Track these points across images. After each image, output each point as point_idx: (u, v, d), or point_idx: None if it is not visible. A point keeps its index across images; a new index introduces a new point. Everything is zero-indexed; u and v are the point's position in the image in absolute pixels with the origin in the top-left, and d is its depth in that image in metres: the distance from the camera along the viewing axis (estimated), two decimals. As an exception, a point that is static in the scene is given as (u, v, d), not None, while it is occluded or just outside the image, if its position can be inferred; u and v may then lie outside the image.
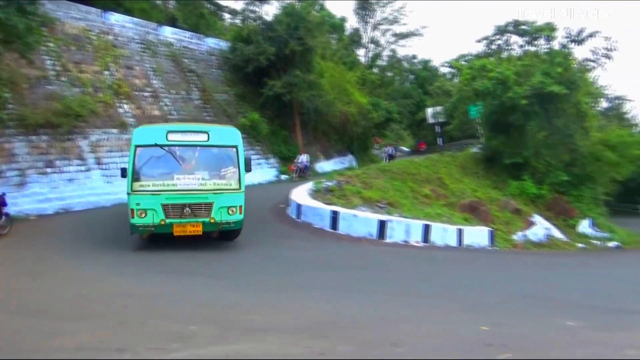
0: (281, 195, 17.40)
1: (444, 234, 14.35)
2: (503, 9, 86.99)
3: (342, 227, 13.37)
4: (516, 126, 23.01)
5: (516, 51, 29.10)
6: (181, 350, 4.37)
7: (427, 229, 13.96)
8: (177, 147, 9.70)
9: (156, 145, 9.56)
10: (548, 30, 25.67)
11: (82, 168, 16.41)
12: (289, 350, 4.52)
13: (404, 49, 55.54)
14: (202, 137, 9.93)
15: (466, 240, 14.59)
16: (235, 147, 10.07)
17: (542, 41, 26.59)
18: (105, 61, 19.51)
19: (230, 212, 9.83)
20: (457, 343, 5.15)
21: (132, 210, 9.36)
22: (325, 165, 28.57)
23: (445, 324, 6.04)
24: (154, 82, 21.52)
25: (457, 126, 33.92)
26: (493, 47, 30.72)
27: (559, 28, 25.34)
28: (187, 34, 25.61)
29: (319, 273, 8.97)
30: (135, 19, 22.59)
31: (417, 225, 14.05)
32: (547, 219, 20.45)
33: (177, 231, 9.56)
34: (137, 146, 9.55)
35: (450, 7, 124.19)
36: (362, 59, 46.96)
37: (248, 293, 7.17)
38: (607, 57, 23.56)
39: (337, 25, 41.27)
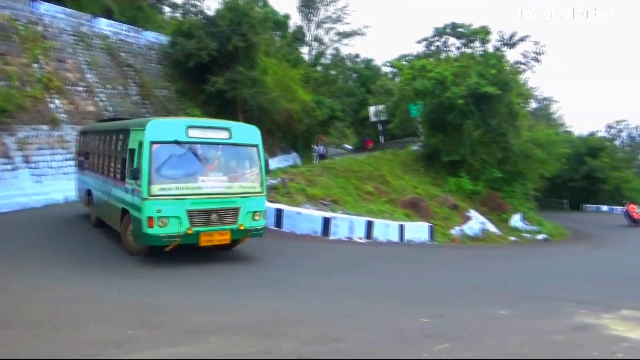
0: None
1: (386, 229, 14.71)
2: (445, 10, 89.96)
3: (287, 225, 13.37)
4: (454, 125, 23.90)
5: (454, 53, 30.26)
6: (118, 356, 4.20)
7: (370, 226, 14.25)
8: (198, 145, 8.64)
9: (176, 142, 8.44)
10: (483, 33, 26.87)
11: (9, 167, 15.32)
12: (233, 350, 4.46)
13: (347, 48, 56.08)
14: (223, 135, 8.99)
15: (407, 236, 15.04)
16: (257, 146, 9.34)
17: (477, 44, 27.81)
18: (34, 53, 18.29)
19: (255, 217, 9.10)
20: (399, 336, 5.29)
21: (151, 218, 8.10)
22: (269, 163, 28.37)
23: (388, 318, 6.20)
24: (89, 76, 20.47)
25: (398, 124, 34.75)
26: (432, 48, 31.76)
27: (492, 31, 26.60)
28: (124, 26, 24.54)
29: (261, 272, 8.91)
30: (68, 10, 21.32)
31: (360, 221, 14.30)
32: (482, 214, 21.43)
33: (204, 241, 8.56)
34: (152, 143, 8.28)
35: (392, 7, 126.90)
36: (306, 57, 47.04)
37: (189, 294, 7.01)
38: (537, 60, 25.03)
39: (280, 23, 41.05)
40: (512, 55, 26.67)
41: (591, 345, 5.04)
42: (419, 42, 32.36)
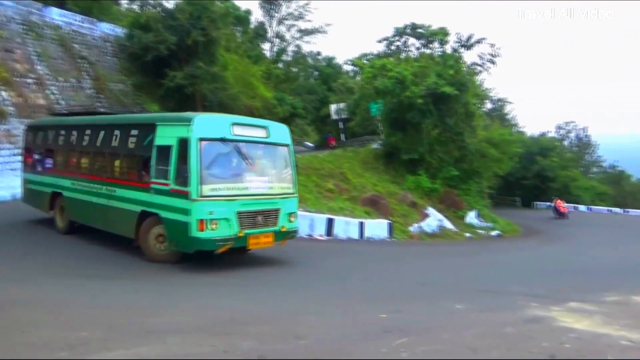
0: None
1: (346, 227, 14.84)
2: (405, 9, 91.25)
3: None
4: (413, 124, 24.36)
5: (413, 53, 30.83)
6: (70, 358, 4.04)
7: (330, 223, 14.34)
8: (242, 143, 8.36)
9: (223, 139, 8.07)
10: (441, 34, 27.51)
11: (-50, 161, 14.52)
12: (190, 350, 4.38)
13: (308, 45, 56.17)
14: (262, 133, 8.80)
15: (367, 233, 15.22)
16: (289, 145, 9.23)
17: (436, 44, 28.45)
18: (-22, 42, 17.37)
19: (291, 219, 8.98)
20: (358, 332, 5.35)
21: (202, 221, 7.67)
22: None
23: (348, 314, 6.25)
24: (39, 67, 19.60)
25: (359, 123, 35.09)
26: (393, 47, 32.24)
27: (451, 33, 27.26)
28: (78, 17, 23.63)
29: (220, 271, 8.80)
30: (16, -3, 20.37)
31: (321, 219, 14.36)
32: (440, 211, 21.95)
33: (252, 244, 8.39)
34: (200, 139, 7.81)
35: (355, 6, 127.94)
36: (267, 53, 46.72)
37: (145, 294, 6.83)
38: (492, 62, 25.86)
39: (242, 18, 40.55)
40: (469, 57, 27.39)
41: (541, 337, 5.25)
42: (380, 41, 32.81)
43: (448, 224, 21.06)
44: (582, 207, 42.82)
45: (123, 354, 4.22)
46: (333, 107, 30.46)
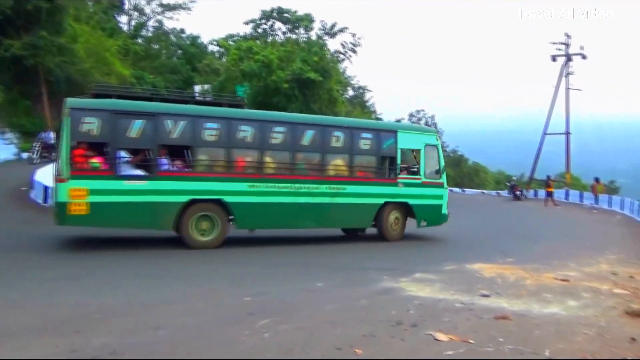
0: (23, 177, 14.91)
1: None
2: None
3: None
4: (279, 108, 24.63)
5: (280, 37, 31.03)
6: None
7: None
8: None
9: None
10: (307, 21, 28.10)
11: None
12: (33, 353, 3.95)
13: (171, 22, 53.20)
14: None
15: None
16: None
17: (302, 30, 28.98)
18: None
19: None
20: (221, 317, 5.33)
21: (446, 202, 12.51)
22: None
23: (211, 300, 6.17)
24: None
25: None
26: (259, 30, 32.07)
27: (316, 20, 27.97)
28: None
29: (64, 263, 8.06)
30: None
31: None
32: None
33: None
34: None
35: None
36: (125, 27, 43.20)
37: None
38: (353, 51, 27.18)
39: (92, -15, 36.83)
40: (332, 45, 28.45)
41: (391, 306, 5.78)
42: (246, 23, 32.41)
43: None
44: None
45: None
46: (197, 88, 29.33)
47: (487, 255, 10.21)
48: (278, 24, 31.06)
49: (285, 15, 30.22)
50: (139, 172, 9.29)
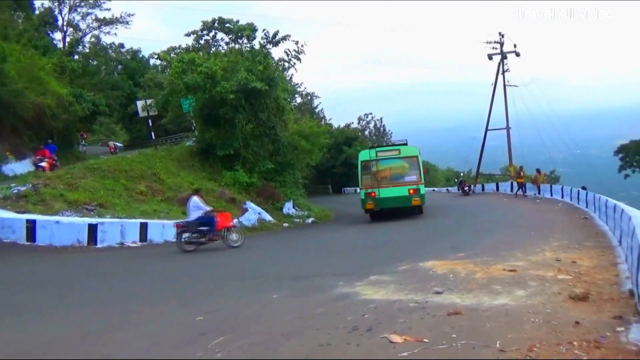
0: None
1: (162, 230, 14.16)
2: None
3: (42, 238, 11.65)
4: (226, 119, 24.27)
5: (223, 47, 30.63)
6: None
7: (143, 228, 13.49)
8: None
9: None
10: (249, 30, 27.83)
11: None
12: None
13: (109, 37, 51.48)
14: None
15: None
16: None
17: (244, 40, 28.70)
18: None
19: None
20: (173, 339, 5.14)
21: None
22: (17, 167, 24.12)
23: (162, 322, 5.96)
24: None
25: (171, 119, 33.56)
26: (201, 42, 31.55)
27: (258, 29, 27.74)
28: None
29: (6, 296, 7.56)
30: None
31: (132, 224, 13.43)
32: (258, 204, 22.45)
33: None
34: None
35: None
36: (60, 45, 41.41)
37: None
38: (298, 58, 27.14)
39: (22, 2, 35.09)
40: (277, 53, 28.30)
41: (347, 312, 5.76)
42: (188, 35, 31.81)
43: (267, 216, 21.68)
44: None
45: None
46: (139, 104, 28.41)
47: (439, 251, 10.41)
48: (220, 35, 30.67)
49: (227, 25, 29.85)
50: None
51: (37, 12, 39.36)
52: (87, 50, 45.08)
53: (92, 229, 12.32)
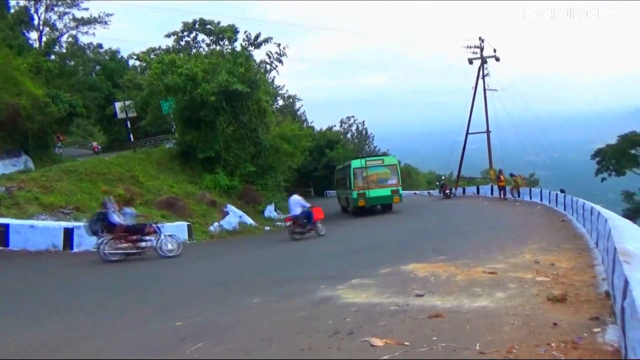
0: None
1: (140, 233, 13.85)
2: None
3: (15, 242, 11.37)
4: (207, 122, 24.06)
5: (204, 49, 30.35)
6: None
7: (122, 231, 13.19)
8: None
9: None
10: (230, 32, 27.63)
11: None
12: None
13: (87, 37, 50.63)
14: None
15: (164, 237, 14.49)
16: None
17: (226, 42, 28.49)
18: None
19: None
20: (152, 346, 5.04)
21: None
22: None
23: (141, 328, 5.84)
24: None
25: (151, 121, 33.09)
26: (182, 43, 31.21)
27: (240, 31, 27.58)
28: None
29: None
30: None
31: (110, 228, 13.11)
32: (240, 207, 22.27)
33: None
34: None
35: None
36: (35, 44, 40.53)
37: None
38: (279, 61, 27.06)
39: (-5, 0, 34.31)
40: (258, 55, 28.22)
41: (328, 316, 5.72)
42: (168, 36, 31.42)
43: (248, 220, 21.51)
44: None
45: None
46: (117, 105, 27.95)
47: (421, 254, 10.44)
48: (201, 36, 30.38)
49: (208, 26, 29.57)
50: None
51: (12, 10, 38.47)
52: (64, 51, 44.16)
53: (68, 233, 12.04)
